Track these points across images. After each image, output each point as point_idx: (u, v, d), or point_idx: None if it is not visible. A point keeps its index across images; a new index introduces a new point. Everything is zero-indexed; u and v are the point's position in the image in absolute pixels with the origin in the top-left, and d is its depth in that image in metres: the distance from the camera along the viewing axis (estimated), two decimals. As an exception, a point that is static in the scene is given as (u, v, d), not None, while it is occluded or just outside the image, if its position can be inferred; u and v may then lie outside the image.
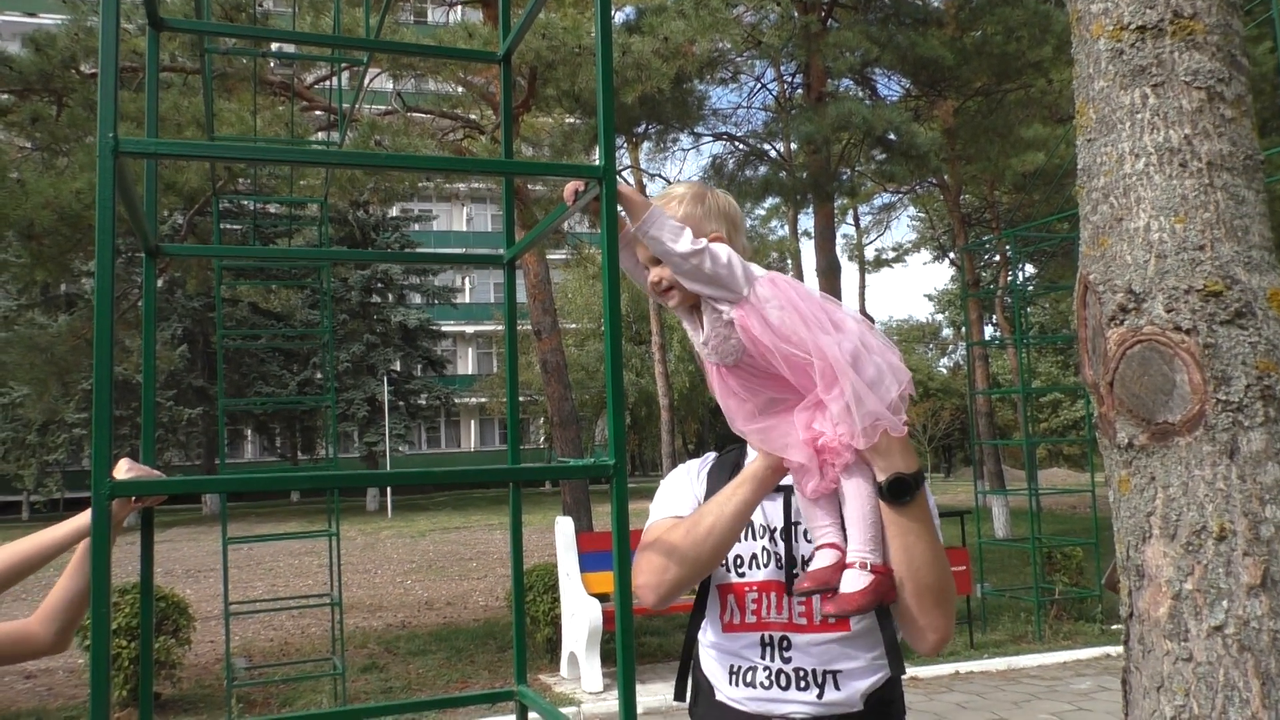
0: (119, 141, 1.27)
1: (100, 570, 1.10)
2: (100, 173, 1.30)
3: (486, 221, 45.82)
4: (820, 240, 16.07)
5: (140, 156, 1.63)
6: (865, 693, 1.79)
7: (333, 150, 1.86)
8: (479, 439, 45.32)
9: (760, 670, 1.82)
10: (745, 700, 1.84)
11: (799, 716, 1.80)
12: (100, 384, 1.14)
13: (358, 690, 8.06)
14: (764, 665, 1.82)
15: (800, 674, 1.80)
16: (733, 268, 1.53)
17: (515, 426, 2.00)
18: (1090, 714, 6.83)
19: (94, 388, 1.15)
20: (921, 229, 32.63)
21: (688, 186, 1.70)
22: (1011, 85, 16.05)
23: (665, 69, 9.43)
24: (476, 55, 3.02)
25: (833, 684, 1.78)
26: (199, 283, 12.57)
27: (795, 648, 1.80)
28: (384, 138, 9.34)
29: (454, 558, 18.31)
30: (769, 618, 1.83)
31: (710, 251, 1.52)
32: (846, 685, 1.78)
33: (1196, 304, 1.22)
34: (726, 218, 1.66)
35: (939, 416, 47.48)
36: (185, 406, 32.00)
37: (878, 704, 1.80)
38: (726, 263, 1.53)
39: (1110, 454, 1.33)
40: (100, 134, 1.27)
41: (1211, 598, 1.20)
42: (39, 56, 8.75)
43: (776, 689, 1.81)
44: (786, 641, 1.81)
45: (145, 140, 1.66)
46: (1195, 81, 1.25)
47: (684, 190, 1.68)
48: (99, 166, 1.30)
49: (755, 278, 1.56)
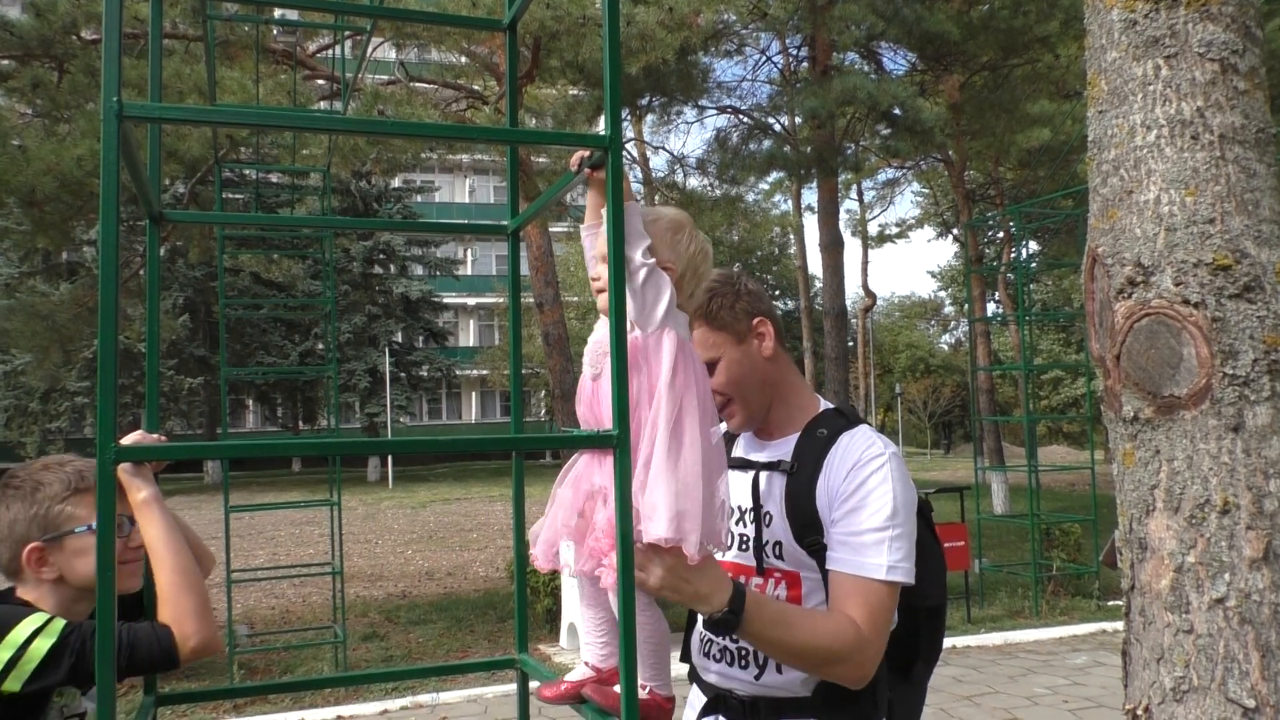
0: (123, 105, 1.26)
1: (106, 533, 1.10)
2: (104, 137, 1.29)
3: (489, 193, 45.67)
4: (824, 215, 16.02)
5: (145, 121, 1.62)
6: (811, 680, 1.78)
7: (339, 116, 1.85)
8: (480, 411, 45.41)
9: (715, 644, 1.89)
10: (706, 669, 1.92)
11: (741, 693, 1.85)
12: (105, 349, 1.14)
13: (358, 658, 8.13)
14: (717, 641, 1.88)
15: (743, 653, 1.84)
16: (658, 302, 1.47)
17: (519, 396, 2.01)
18: (1085, 688, 6.88)
19: (99, 353, 1.15)
20: (925, 205, 32.52)
21: (674, 214, 1.63)
22: (1018, 60, 15.93)
23: (670, 40, 9.36)
24: (482, 23, 3.00)
25: (774, 667, 1.80)
26: (201, 252, 12.56)
27: None
28: (387, 107, 9.29)
29: (454, 528, 18.41)
30: None
31: (652, 274, 1.46)
32: (788, 670, 1.78)
33: (1205, 277, 1.22)
34: (690, 261, 1.59)
35: (940, 393, 47.54)
36: (187, 376, 32.07)
37: (829, 693, 1.77)
38: (655, 295, 1.47)
39: (1115, 427, 1.33)
40: (104, 98, 1.26)
41: (1213, 570, 1.20)
42: (39, 21, 8.68)
43: (724, 664, 1.87)
44: None
45: (149, 105, 1.65)
46: (1209, 53, 1.24)
47: (669, 214, 1.62)
48: (103, 131, 1.29)
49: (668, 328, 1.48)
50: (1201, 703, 1.20)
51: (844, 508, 1.74)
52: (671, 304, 1.49)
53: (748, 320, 1.88)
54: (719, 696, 1.88)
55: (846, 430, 1.83)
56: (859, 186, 28.83)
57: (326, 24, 6.77)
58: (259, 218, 3.36)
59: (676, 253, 1.58)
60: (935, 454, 47.90)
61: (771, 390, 1.91)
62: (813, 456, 1.81)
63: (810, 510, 1.77)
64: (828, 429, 1.84)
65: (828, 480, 1.78)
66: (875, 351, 46.68)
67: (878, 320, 49.97)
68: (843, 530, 1.74)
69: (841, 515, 1.75)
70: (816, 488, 1.78)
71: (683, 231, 1.60)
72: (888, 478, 1.75)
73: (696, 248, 1.61)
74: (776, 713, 1.80)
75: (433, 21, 2.60)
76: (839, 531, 1.74)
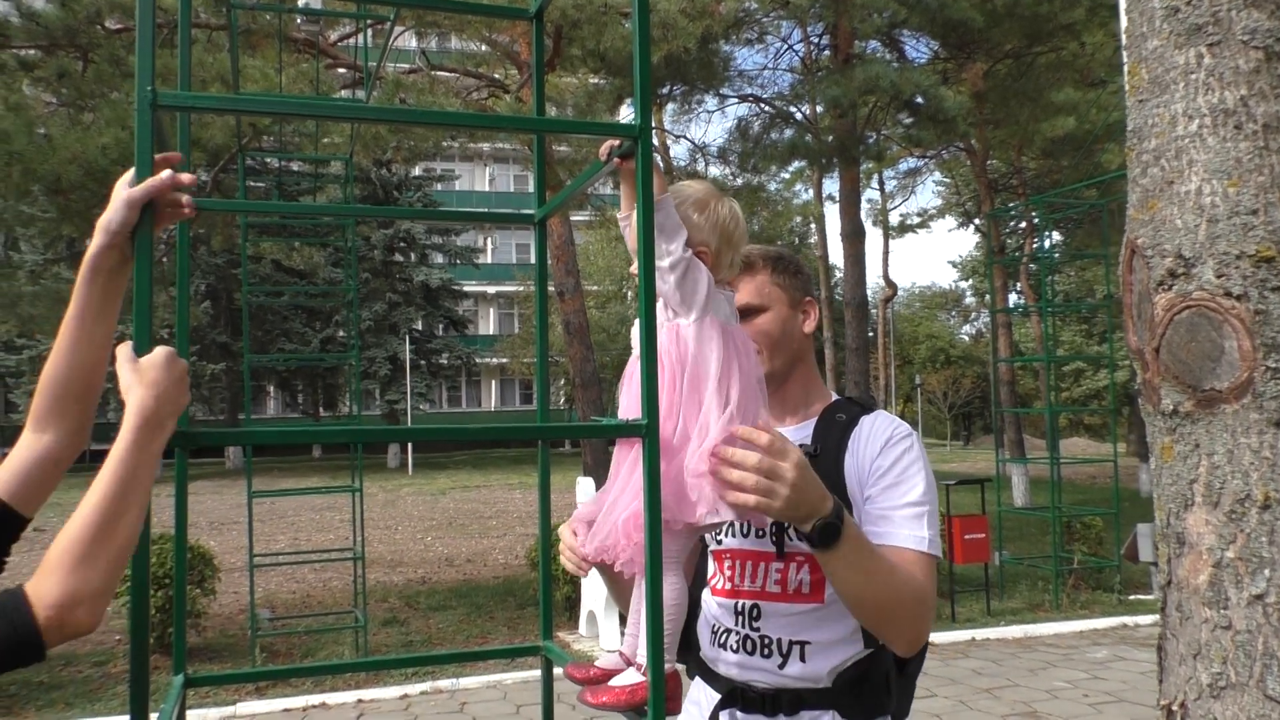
0: (157, 95, 1.27)
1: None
2: (138, 126, 1.30)
3: (509, 182, 45.68)
4: (845, 204, 15.92)
5: (178, 110, 1.63)
6: (836, 669, 1.77)
7: (368, 105, 1.84)
8: (499, 399, 45.53)
9: (733, 635, 1.85)
10: (717, 662, 1.88)
11: (761, 685, 1.81)
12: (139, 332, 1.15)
13: (379, 643, 8.19)
14: (736, 630, 1.84)
15: (766, 642, 1.80)
16: (697, 291, 1.50)
17: (544, 385, 2.01)
18: (1106, 683, 6.84)
19: (134, 333, 1.16)
20: (947, 194, 32.28)
21: (698, 187, 1.64)
22: (1043, 48, 15.75)
23: (692, 29, 9.32)
24: (508, 12, 3.00)
25: (798, 655, 1.77)
26: (224, 239, 12.64)
27: (765, 616, 1.81)
28: (408, 96, 9.30)
29: (474, 515, 18.49)
30: (742, 586, 1.84)
31: (690, 265, 1.49)
32: (813, 658, 1.76)
33: (1248, 269, 1.20)
34: (723, 233, 1.60)
35: (960, 384, 47.28)
36: (209, 362, 32.31)
37: (850, 684, 1.77)
38: (693, 285, 1.50)
39: (1154, 420, 1.31)
40: (138, 87, 1.27)
41: (1253, 566, 1.19)
42: (64, 11, 8.74)
43: (744, 654, 1.83)
44: (757, 610, 1.82)
45: (182, 94, 1.66)
46: (1253, 41, 1.22)
47: (692, 192, 1.62)
48: (137, 120, 1.30)
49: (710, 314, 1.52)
50: (1239, 699, 1.19)
51: (880, 484, 1.75)
52: (711, 290, 1.52)
53: (803, 293, 1.92)
54: (735, 690, 1.84)
55: (865, 414, 1.85)
56: (880, 176, 28.67)
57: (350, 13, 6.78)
58: (284, 206, 3.37)
59: (709, 226, 1.59)
60: (955, 445, 47.69)
61: (795, 364, 1.92)
62: (835, 439, 1.83)
63: (839, 489, 1.76)
64: (845, 414, 1.86)
65: (856, 459, 1.79)
66: (895, 342, 46.48)
67: (898, 310, 49.71)
68: (881, 506, 1.74)
69: (879, 491, 1.75)
70: (845, 467, 1.79)
71: (710, 203, 1.61)
72: (918, 456, 1.78)
73: (726, 211, 1.62)
74: (798, 705, 1.78)
75: (458, 10, 2.60)
76: (877, 507, 1.75)
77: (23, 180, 8.26)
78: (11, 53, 8.92)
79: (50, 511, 10.97)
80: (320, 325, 35.04)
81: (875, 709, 1.79)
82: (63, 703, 6.77)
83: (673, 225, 1.46)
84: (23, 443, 1.32)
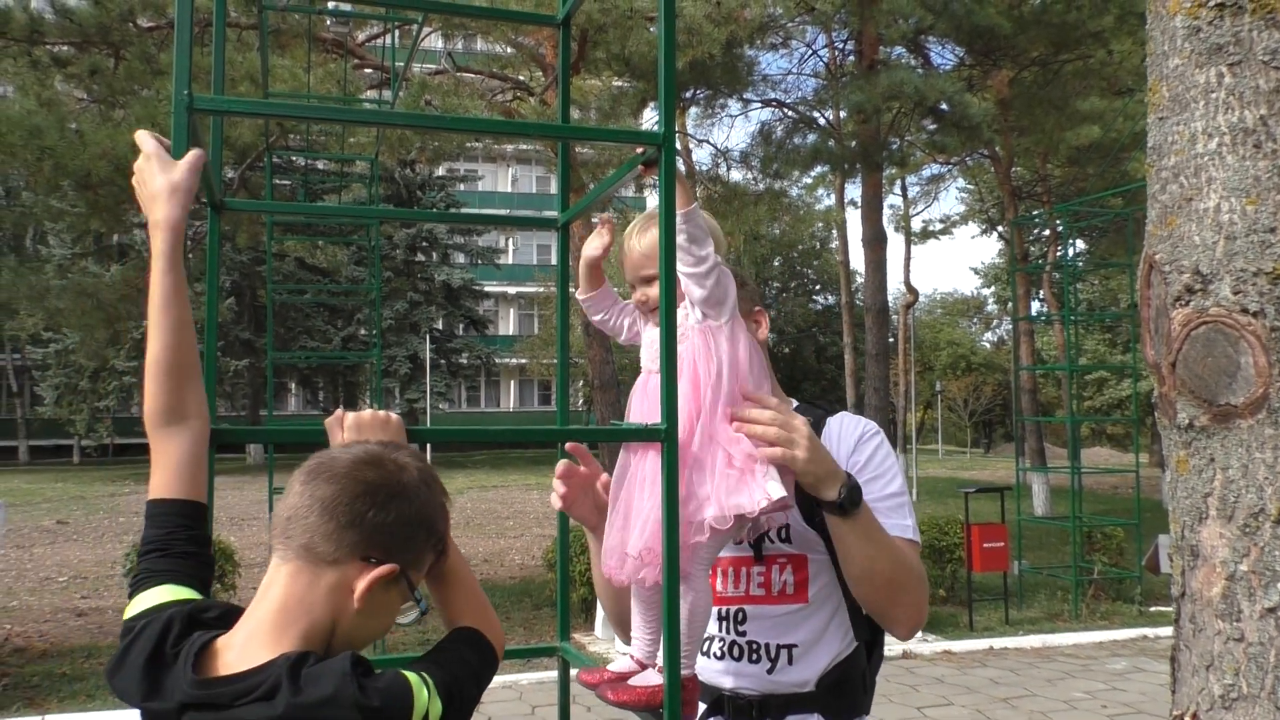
0: (194, 98, 1.30)
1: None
2: (174, 128, 1.34)
3: (531, 183, 45.82)
4: (867, 210, 15.90)
5: (213, 114, 1.67)
6: (823, 670, 1.78)
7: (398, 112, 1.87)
8: (518, 399, 45.66)
9: (715, 641, 1.85)
10: (701, 669, 1.85)
11: (749, 691, 1.80)
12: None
13: (395, 641, 8.24)
14: (719, 637, 1.84)
15: (753, 647, 1.81)
16: (728, 295, 1.58)
17: (565, 388, 2.03)
18: (1125, 694, 6.81)
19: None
20: (970, 201, 32.12)
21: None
22: (1070, 56, 15.66)
23: (717, 34, 9.35)
24: (535, 18, 3.03)
25: (786, 658, 1.78)
26: (249, 237, 12.76)
27: (750, 619, 1.82)
28: (434, 98, 9.37)
29: (491, 515, 18.55)
30: (726, 593, 1.84)
31: (722, 269, 1.56)
32: (802, 660, 1.78)
33: (1265, 286, 1.21)
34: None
35: (981, 392, 47.03)
36: (232, 358, 32.57)
37: (832, 686, 1.78)
38: (724, 288, 1.57)
39: (1169, 434, 1.32)
40: (175, 90, 1.30)
41: (1267, 579, 1.20)
42: (98, 9, 8.86)
43: (729, 660, 1.82)
44: (742, 614, 1.83)
45: (218, 98, 1.70)
46: (1274, 61, 1.23)
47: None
48: (173, 123, 1.34)
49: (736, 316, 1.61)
50: (1250, 711, 1.20)
51: (862, 477, 1.77)
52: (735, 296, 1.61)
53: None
54: (722, 698, 1.83)
55: (829, 415, 1.92)
56: (903, 182, 28.54)
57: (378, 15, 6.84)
58: (312, 207, 3.42)
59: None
60: (975, 452, 47.42)
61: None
62: None
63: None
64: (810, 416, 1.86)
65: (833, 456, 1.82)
66: (916, 348, 46.22)
67: (919, 317, 49.46)
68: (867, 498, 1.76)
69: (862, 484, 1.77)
70: None
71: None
72: (889, 451, 1.86)
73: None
74: (785, 710, 1.78)
75: (486, 16, 2.63)
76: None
77: (53, 175, 8.39)
78: (45, 49, 9.05)
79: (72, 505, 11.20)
80: (342, 323, 35.26)
81: (854, 708, 1.81)
82: (84, 694, 6.85)
83: (703, 233, 1.52)
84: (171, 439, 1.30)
